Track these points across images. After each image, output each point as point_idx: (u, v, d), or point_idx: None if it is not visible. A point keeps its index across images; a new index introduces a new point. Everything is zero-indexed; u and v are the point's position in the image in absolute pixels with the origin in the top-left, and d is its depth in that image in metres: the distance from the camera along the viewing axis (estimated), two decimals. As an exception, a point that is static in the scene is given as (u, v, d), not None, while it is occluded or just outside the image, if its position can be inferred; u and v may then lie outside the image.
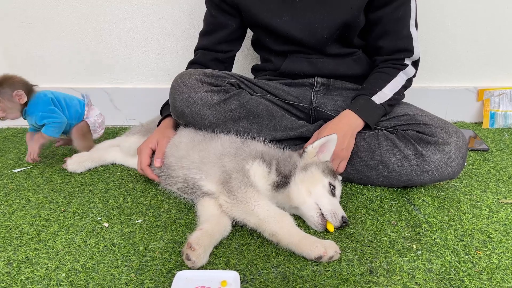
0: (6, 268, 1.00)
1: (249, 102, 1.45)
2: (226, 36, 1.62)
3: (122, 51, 2.06)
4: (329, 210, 1.17)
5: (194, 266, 1.00)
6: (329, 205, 1.18)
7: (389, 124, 1.45)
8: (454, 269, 1.01)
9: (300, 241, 1.05)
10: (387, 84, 1.47)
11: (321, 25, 1.48)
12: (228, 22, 1.60)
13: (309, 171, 1.23)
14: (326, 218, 1.16)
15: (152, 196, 1.36)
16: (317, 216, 1.17)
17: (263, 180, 1.22)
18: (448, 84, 2.16)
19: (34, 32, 2.02)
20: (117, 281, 0.96)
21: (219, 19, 1.60)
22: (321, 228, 1.17)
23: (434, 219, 1.23)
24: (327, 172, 1.24)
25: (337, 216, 1.16)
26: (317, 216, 1.17)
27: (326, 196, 1.20)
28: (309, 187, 1.20)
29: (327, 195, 1.20)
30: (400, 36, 1.49)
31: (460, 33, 2.06)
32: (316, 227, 1.18)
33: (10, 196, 1.36)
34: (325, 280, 0.96)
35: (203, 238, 1.05)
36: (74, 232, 1.15)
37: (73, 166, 1.53)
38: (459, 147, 1.33)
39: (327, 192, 1.21)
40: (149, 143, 1.45)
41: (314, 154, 1.28)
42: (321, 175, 1.23)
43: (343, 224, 1.16)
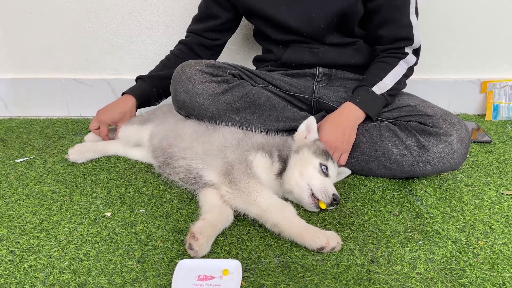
0: (9, 256, 1.01)
1: (251, 92, 1.45)
2: (214, 26, 1.69)
3: (124, 41, 2.06)
4: (318, 188, 1.18)
5: (196, 256, 1.00)
6: (320, 184, 1.19)
7: (391, 115, 1.45)
8: (456, 259, 1.01)
9: (302, 231, 1.05)
10: (387, 74, 1.47)
11: (318, 14, 1.47)
12: (219, 14, 1.66)
13: (301, 153, 1.26)
14: (316, 196, 1.18)
15: (154, 186, 1.37)
16: (308, 197, 1.19)
17: (267, 171, 1.23)
18: (451, 76, 2.15)
19: (35, 23, 2.01)
20: (119, 269, 0.97)
21: (211, 10, 1.66)
22: (314, 208, 1.19)
23: (436, 210, 1.23)
24: (318, 153, 1.26)
25: (328, 194, 1.17)
26: (307, 197, 1.19)
27: (317, 176, 1.21)
28: (301, 169, 1.22)
29: (318, 176, 1.21)
30: (400, 24, 1.47)
31: (463, 24, 2.05)
32: (310, 208, 1.20)
33: (13, 185, 1.36)
34: (326, 270, 0.97)
35: (205, 228, 1.05)
36: (77, 221, 1.16)
37: (74, 156, 1.53)
38: (462, 138, 1.32)
39: (318, 173, 1.22)
40: (108, 118, 1.62)
41: (304, 137, 1.33)
42: (312, 156, 1.25)
43: (333, 202, 1.17)
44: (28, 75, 2.11)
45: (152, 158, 1.46)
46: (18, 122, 2.02)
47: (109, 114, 1.63)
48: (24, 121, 2.03)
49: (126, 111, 1.63)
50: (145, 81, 1.67)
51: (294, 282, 0.93)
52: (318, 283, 0.93)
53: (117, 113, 1.62)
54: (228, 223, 1.13)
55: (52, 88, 2.10)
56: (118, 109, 1.63)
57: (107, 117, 1.63)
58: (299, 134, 1.33)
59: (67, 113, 2.15)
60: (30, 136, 1.82)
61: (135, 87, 1.68)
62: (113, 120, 1.62)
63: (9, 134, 1.85)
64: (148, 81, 1.67)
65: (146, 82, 1.67)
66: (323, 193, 1.17)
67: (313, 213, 1.21)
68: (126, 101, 1.65)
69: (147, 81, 1.67)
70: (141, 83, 1.68)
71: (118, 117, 1.62)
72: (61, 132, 1.88)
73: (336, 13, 1.46)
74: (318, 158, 1.25)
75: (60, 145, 1.72)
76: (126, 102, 1.65)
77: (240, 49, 2.10)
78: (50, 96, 2.12)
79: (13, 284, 0.91)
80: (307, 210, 1.22)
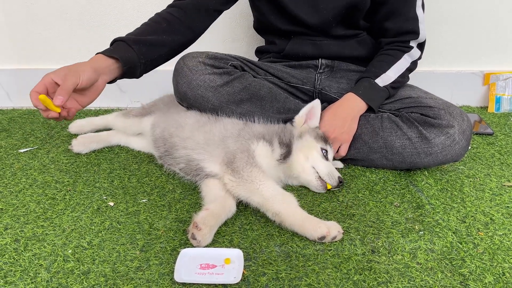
0: (13, 245, 1.02)
1: (252, 84, 1.45)
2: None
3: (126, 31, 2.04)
4: (325, 172, 1.27)
5: (199, 245, 1.01)
6: (325, 168, 1.27)
7: (393, 107, 1.45)
8: (456, 249, 1.02)
9: (303, 221, 1.06)
10: (391, 67, 1.46)
11: (327, 6, 1.46)
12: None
13: (304, 139, 1.32)
14: (323, 179, 1.26)
15: (156, 177, 1.38)
16: (316, 180, 1.27)
17: (268, 159, 1.25)
18: (454, 68, 2.14)
19: (37, 12, 2.01)
20: (122, 257, 0.98)
21: None
22: (323, 190, 1.27)
23: (437, 201, 1.23)
24: (318, 138, 1.33)
25: (334, 177, 1.26)
26: (316, 180, 1.27)
27: (320, 160, 1.29)
28: (306, 153, 1.29)
29: (321, 159, 1.30)
30: (406, 17, 1.47)
31: (466, 16, 2.04)
32: (318, 190, 1.27)
33: (16, 175, 1.37)
34: (327, 259, 0.98)
35: (209, 218, 1.06)
36: (80, 211, 1.17)
37: (78, 147, 1.54)
38: (463, 129, 1.32)
39: (321, 157, 1.30)
40: (54, 73, 1.13)
41: (303, 122, 1.38)
42: (313, 141, 1.32)
43: (339, 184, 1.26)
44: (31, 65, 2.11)
45: (154, 148, 1.46)
46: (21, 112, 2.03)
47: (65, 72, 1.14)
48: (27, 112, 2.03)
49: (97, 69, 1.19)
50: (130, 46, 1.26)
51: (295, 271, 0.94)
52: (319, 272, 0.94)
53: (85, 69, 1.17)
54: (231, 213, 1.14)
55: (54, 79, 2.10)
56: (83, 66, 1.18)
57: (59, 75, 1.12)
58: (299, 119, 1.38)
59: (69, 104, 2.15)
60: (33, 127, 1.82)
61: (115, 49, 1.26)
62: (73, 82, 1.12)
63: (12, 124, 1.86)
64: (134, 46, 1.27)
65: (131, 48, 1.26)
66: (330, 176, 1.26)
67: (315, 203, 1.22)
68: (98, 60, 1.22)
69: (133, 47, 1.27)
70: (124, 46, 1.26)
71: (85, 77, 1.15)
72: (64, 123, 1.88)
73: (345, 5, 1.46)
74: (318, 143, 1.32)
75: (63, 135, 1.73)
76: (98, 61, 1.22)
77: (243, 40, 2.09)
78: (52, 87, 2.12)
79: (17, 272, 0.93)
80: (308, 200, 1.23)
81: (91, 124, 1.71)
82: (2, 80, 2.11)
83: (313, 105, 1.38)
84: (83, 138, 1.57)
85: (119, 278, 0.91)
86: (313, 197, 1.26)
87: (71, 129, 1.71)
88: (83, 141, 1.56)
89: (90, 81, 1.17)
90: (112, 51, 1.24)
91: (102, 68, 1.21)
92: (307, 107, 1.38)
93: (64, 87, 1.10)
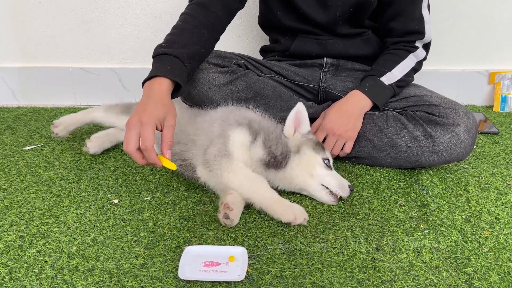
0: (18, 241, 1.02)
1: (256, 83, 1.45)
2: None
3: (132, 30, 2.06)
4: (336, 185, 1.21)
5: (231, 225, 1.07)
6: (333, 180, 1.22)
7: (398, 105, 1.44)
8: (461, 248, 1.02)
9: (273, 204, 1.11)
10: (396, 66, 1.46)
11: (335, 3, 1.46)
12: None
13: (302, 153, 1.23)
14: (335, 193, 1.20)
15: (161, 175, 1.38)
16: (327, 196, 1.21)
17: (244, 149, 1.22)
18: (459, 67, 2.13)
19: (43, 11, 2.02)
20: (127, 255, 0.98)
21: None
22: (335, 203, 1.21)
23: (441, 200, 1.23)
24: (317, 148, 1.25)
25: (345, 187, 1.22)
26: (327, 196, 1.21)
27: (326, 173, 1.23)
28: (309, 170, 1.22)
29: (327, 172, 1.23)
30: (412, 18, 1.46)
31: (472, 14, 2.03)
32: (331, 203, 1.21)
33: (21, 172, 1.38)
34: (331, 257, 0.97)
35: (236, 200, 1.10)
36: (85, 208, 1.17)
37: (94, 149, 1.49)
38: (469, 128, 1.32)
39: (325, 169, 1.23)
40: (155, 117, 1.04)
41: (293, 132, 1.28)
42: (313, 154, 1.24)
43: (350, 192, 1.22)
44: (36, 64, 2.12)
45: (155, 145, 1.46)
46: (26, 110, 2.03)
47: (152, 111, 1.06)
48: (32, 110, 2.04)
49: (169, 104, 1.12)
50: (184, 64, 1.19)
51: (299, 269, 0.93)
52: (323, 270, 0.93)
53: (160, 106, 1.08)
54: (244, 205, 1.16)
55: (59, 77, 2.11)
56: (160, 102, 1.10)
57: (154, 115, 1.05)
58: (288, 129, 1.27)
59: (74, 102, 2.16)
60: (38, 125, 1.83)
61: (173, 69, 1.16)
62: (159, 118, 1.06)
63: (18, 122, 1.87)
64: (187, 64, 1.20)
65: (185, 66, 1.19)
66: (341, 188, 1.21)
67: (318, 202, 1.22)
68: (168, 88, 1.15)
69: (187, 64, 1.20)
70: (179, 66, 1.18)
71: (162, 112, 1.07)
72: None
73: (354, 4, 1.45)
74: (319, 154, 1.24)
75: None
76: (169, 90, 1.15)
77: (247, 38, 2.09)
78: (57, 85, 2.13)
79: (22, 268, 0.93)
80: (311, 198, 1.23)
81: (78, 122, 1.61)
82: (7, 78, 2.12)
83: (297, 110, 1.27)
84: (97, 138, 1.51)
85: (124, 275, 0.91)
86: (317, 196, 1.25)
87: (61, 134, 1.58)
88: (98, 142, 1.50)
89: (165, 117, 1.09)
90: (173, 74, 1.15)
91: (173, 107, 1.13)
92: (291, 115, 1.26)
93: (170, 141, 1.06)
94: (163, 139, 1.05)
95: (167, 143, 1.05)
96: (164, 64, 1.17)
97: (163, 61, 1.18)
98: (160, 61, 1.18)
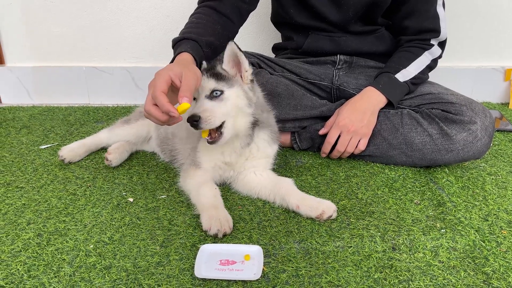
0: (36, 239, 1.04)
1: (269, 81, 1.44)
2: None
3: (144, 30, 2.07)
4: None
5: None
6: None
7: (413, 103, 1.43)
8: (479, 247, 1.00)
9: (202, 210, 1.10)
10: (411, 63, 1.45)
11: (348, 2, 1.45)
12: None
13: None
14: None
15: (175, 173, 1.38)
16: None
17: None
18: (475, 64, 2.10)
19: (56, 11, 2.04)
20: (143, 253, 0.98)
21: None
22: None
23: (458, 199, 1.21)
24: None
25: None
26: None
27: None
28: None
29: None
30: (427, 16, 1.45)
31: (487, 10, 2.00)
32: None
33: (38, 171, 1.39)
34: (347, 256, 0.97)
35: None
36: (101, 206, 1.18)
37: (116, 160, 1.43)
38: (486, 126, 1.30)
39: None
40: (172, 71, 1.04)
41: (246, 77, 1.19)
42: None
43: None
44: (50, 63, 2.14)
45: (161, 154, 1.47)
46: (41, 109, 2.06)
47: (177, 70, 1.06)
48: (46, 109, 2.06)
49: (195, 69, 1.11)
50: (202, 48, 1.22)
51: (315, 269, 0.93)
52: (339, 269, 0.93)
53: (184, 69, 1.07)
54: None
55: (73, 76, 2.14)
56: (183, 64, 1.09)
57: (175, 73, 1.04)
58: (247, 74, 1.18)
59: (88, 101, 2.18)
60: (53, 123, 1.85)
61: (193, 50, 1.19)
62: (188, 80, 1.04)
63: (33, 121, 1.89)
64: (205, 50, 1.23)
65: (203, 51, 1.23)
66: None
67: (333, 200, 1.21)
68: (190, 60, 1.16)
69: (205, 50, 1.23)
70: (198, 49, 1.21)
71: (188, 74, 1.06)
72: (83, 120, 1.91)
73: (367, 2, 1.44)
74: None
75: (82, 132, 1.75)
76: (191, 61, 1.15)
77: (259, 36, 2.09)
78: (71, 84, 2.15)
79: (41, 266, 0.94)
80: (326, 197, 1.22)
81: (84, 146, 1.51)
82: (22, 77, 2.14)
83: (229, 49, 1.14)
84: (116, 149, 1.45)
85: (140, 273, 0.92)
86: (331, 195, 1.25)
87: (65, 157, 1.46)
88: (118, 153, 1.44)
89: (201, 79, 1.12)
90: (195, 52, 1.18)
91: (193, 67, 1.13)
92: (227, 56, 1.15)
93: (188, 87, 1.02)
94: (181, 87, 1.02)
95: (182, 90, 1.01)
96: (185, 45, 1.19)
97: (184, 44, 1.20)
98: (180, 46, 1.20)
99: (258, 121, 1.20)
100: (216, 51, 1.30)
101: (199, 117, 1.07)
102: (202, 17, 1.33)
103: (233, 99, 1.12)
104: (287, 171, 1.40)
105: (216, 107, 1.10)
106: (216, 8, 1.35)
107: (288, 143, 1.55)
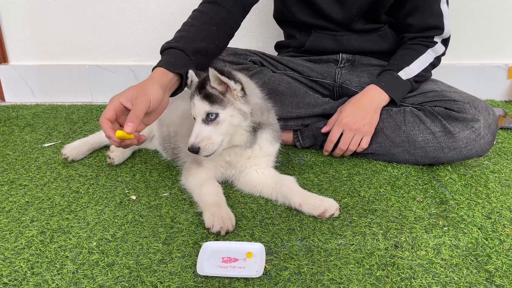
0: (39, 237, 1.04)
1: (271, 79, 1.44)
2: None
3: (147, 28, 2.07)
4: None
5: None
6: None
7: (416, 101, 1.42)
8: (481, 245, 1.00)
9: (203, 208, 1.11)
10: (414, 60, 1.44)
11: None
12: None
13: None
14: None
15: (177, 171, 1.39)
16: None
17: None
18: (478, 61, 2.09)
19: (59, 10, 2.04)
20: (145, 250, 0.99)
21: None
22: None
23: (461, 197, 1.21)
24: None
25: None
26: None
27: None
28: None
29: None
30: (430, 13, 1.44)
31: (490, 8, 1.99)
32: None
33: (41, 169, 1.40)
34: (349, 254, 0.97)
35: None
36: (103, 204, 1.19)
37: (119, 158, 1.43)
38: (489, 123, 1.29)
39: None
40: (123, 96, 1.07)
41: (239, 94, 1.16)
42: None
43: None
44: (53, 61, 2.15)
45: (164, 153, 1.47)
46: (44, 108, 2.07)
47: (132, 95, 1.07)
48: (50, 107, 2.07)
49: (163, 87, 1.13)
50: (189, 57, 1.22)
51: (317, 266, 0.93)
52: (341, 267, 0.93)
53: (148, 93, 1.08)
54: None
55: (76, 74, 2.14)
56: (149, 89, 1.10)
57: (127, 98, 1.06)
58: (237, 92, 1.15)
59: (91, 99, 2.19)
60: (56, 122, 1.86)
61: (176, 62, 1.19)
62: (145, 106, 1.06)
63: (36, 119, 1.90)
64: (193, 58, 1.23)
65: (191, 60, 1.23)
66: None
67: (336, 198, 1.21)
68: (162, 76, 1.16)
69: (193, 58, 1.23)
70: (184, 58, 1.22)
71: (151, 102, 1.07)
72: (86, 118, 1.92)
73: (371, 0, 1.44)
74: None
75: (85, 130, 1.76)
76: (162, 78, 1.15)
77: (262, 34, 2.09)
78: (74, 83, 2.16)
79: (44, 263, 0.95)
80: (329, 195, 1.22)
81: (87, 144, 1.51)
82: (25, 76, 2.15)
83: (211, 74, 1.09)
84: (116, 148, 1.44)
85: (143, 270, 0.92)
86: (334, 193, 1.25)
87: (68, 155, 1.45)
88: (120, 151, 1.44)
89: (159, 102, 1.10)
90: (175, 66, 1.17)
91: (166, 84, 1.15)
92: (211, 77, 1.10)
93: (135, 112, 1.03)
94: (130, 113, 1.04)
95: (130, 116, 1.03)
96: (169, 57, 1.20)
97: (168, 55, 1.22)
98: (165, 55, 1.23)
99: (260, 124, 1.21)
100: (208, 56, 1.30)
101: (198, 148, 1.11)
102: (198, 17, 1.34)
103: (228, 120, 1.13)
104: (290, 169, 1.40)
105: (213, 133, 1.12)
106: (217, 1, 1.36)
107: (290, 141, 1.55)
